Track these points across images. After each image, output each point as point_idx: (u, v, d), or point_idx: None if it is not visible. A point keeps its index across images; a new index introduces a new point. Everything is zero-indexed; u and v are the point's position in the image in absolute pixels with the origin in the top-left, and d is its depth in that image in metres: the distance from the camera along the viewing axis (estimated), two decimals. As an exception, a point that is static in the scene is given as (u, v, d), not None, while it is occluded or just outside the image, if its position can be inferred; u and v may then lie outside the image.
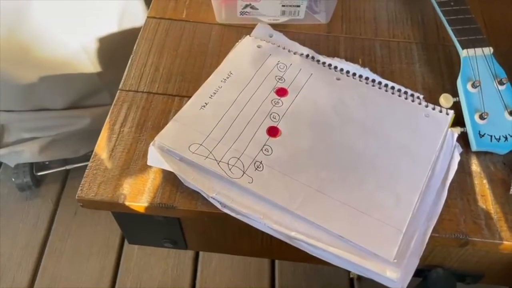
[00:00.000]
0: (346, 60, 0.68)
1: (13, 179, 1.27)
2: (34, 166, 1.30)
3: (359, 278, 1.12)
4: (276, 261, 1.18)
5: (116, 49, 1.07)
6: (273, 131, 0.59)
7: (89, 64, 1.09)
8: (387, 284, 0.50)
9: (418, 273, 0.61)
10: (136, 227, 0.66)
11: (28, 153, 1.23)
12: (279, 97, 0.63)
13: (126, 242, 1.23)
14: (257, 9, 0.71)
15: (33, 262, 1.20)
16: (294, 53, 0.68)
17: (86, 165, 0.58)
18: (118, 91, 0.65)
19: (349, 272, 1.11)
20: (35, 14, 0.97)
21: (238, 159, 0.56)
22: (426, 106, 0.62)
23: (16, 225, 1.26)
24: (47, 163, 1.32)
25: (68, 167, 1.32)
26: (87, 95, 1.17)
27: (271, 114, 0.61)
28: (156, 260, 1.20)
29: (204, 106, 0.61)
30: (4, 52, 0.99)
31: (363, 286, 1.12)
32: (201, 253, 1.21)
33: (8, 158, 1.26)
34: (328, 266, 0.52)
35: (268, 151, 0.57)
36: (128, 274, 1.18)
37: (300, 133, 0.59)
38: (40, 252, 1.21)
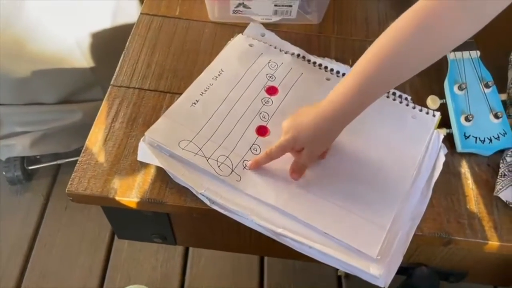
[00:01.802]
0: (337, 60, 0.69)
1: (3, 173, 1.26)
2: (25, 160, 1.29)
3: (347, 276, 1.13)
4: (265, 259, 1.18)
5: (109, 44, 1.07)
6: (262, 130, 0.60)
7: (82, 59, 1.09)
8: (370, 281, 0.51)
9: (403, 271, 0.63)
10: (126, 222, 0.66)
11: (20, 146, 1.23)
12: (269, 96, 0.63)
13: (116, 238, 1.23)
14: (250, 8, 0.72)
15: (22, 256, 1.19)
16: (286, 53, 0.69)
17: (78, 160, 0.59)
18: (110, 86, 0.66)
19: (337, 270, 1.12)
20: (30, 9, 0.97)
21: (227, 157, 0.57)
22: (414, 108, 0.64)
23: (6, 219, 1.25)
24: (38, 157, 1.32)
25: (59, 161, 1.31)
26: (80, 90, 1.17)
27: (261, 113, 0.62)
28: (145, 256, 1.20)
29: (195, 103, 0.61)
30: (-1, 46, 0.99)
31: (350, 284, 1.13)
32: (190, 249, 1.21)
33: (-1, 151, 1.26)
34: (316, 263, 0.53)
35: (256, 150, 0.58)
36: (117, 270, 1.18)
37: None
38: (30, 247, 1.21)
